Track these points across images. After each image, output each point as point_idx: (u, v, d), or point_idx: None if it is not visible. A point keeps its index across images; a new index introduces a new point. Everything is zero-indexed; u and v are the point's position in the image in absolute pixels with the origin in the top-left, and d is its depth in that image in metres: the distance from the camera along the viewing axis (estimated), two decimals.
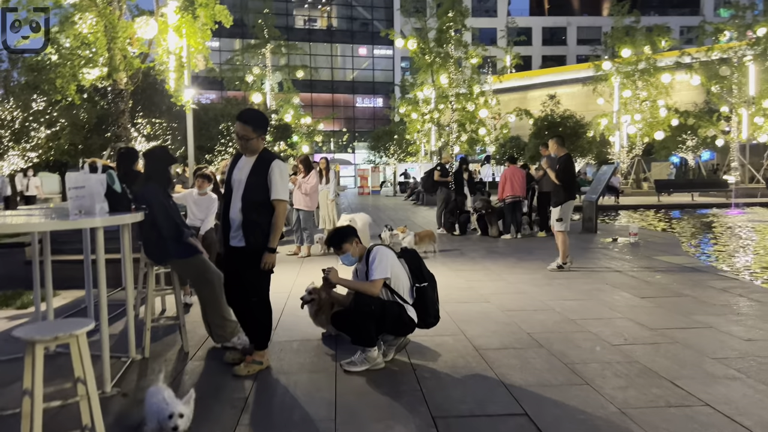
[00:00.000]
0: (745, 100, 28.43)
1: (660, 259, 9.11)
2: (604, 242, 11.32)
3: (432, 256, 9.60)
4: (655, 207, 22.68)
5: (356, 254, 4.35)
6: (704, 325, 5.23)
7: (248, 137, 3.95)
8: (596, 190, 13.41)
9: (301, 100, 36.48)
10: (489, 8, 66.95)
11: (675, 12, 66.42)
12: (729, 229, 14.68)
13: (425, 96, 28.88)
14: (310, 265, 8.98)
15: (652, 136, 30.85)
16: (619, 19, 31.11)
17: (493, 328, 5.28)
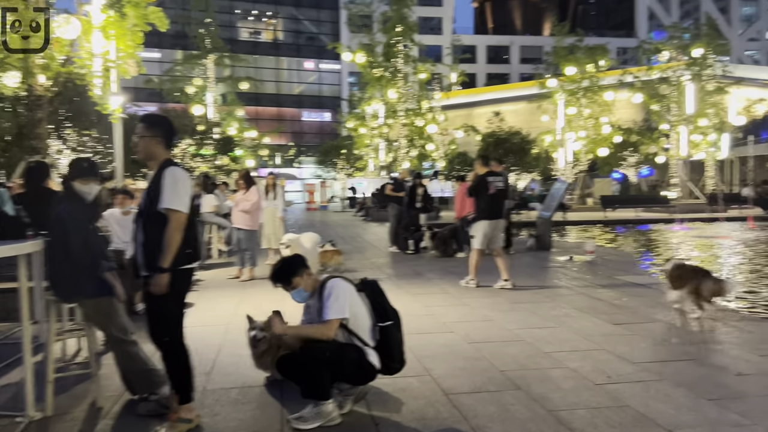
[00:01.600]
0: (683, 118, 29.32)
1: (621, 278, 8.81)
2: (561, 261, 11.00)
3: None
4: (602, 222, 22.87)
5: (309, 288, 3.68)
6: (687, 357, 4.81)
7: (140, 135, 3.48)
8: (550, 207, 13.16)
9: (245, 113, 35.41)
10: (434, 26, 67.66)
11: (611, 33, 68.95)
12: (679, 245, 14.72)
13: (374, 111, 28.49)
14: (253, 290, 8.21)
15: (596, 153, 31.41)
16: (560, 38, 31.65)
17: (462, 364, 4.69)
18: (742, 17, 71.35)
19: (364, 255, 12.34)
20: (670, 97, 29.58)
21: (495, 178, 8.16)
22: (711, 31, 30.08)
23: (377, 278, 9.29)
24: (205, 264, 10.63)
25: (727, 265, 11.30)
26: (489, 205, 8.08)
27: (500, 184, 8.16)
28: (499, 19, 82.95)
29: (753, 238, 16.37)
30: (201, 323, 6.23)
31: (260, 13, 56.42)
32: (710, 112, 29.69)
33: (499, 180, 8.19)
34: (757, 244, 14.88)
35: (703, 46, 29.14)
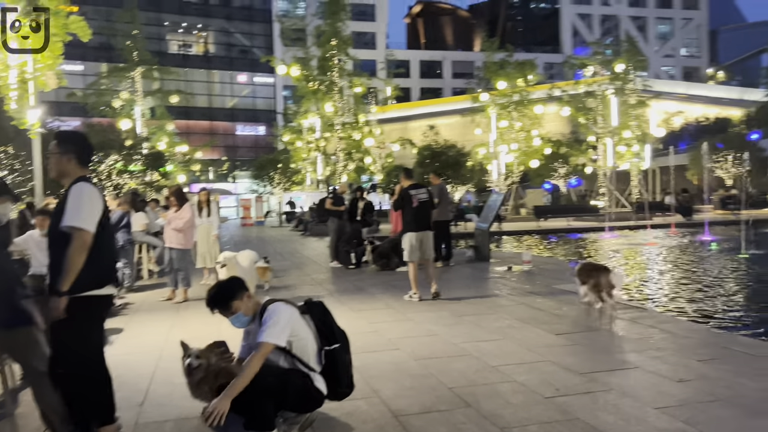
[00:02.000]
0: (609, 130, 30.60)
1: (558, 287, 8.94)
2: (500, 271, 11.11)
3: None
4: (536, 232, 23.43)
5: (249, 311, 3.46)
6: (630, 365, 4.86)
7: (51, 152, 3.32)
8: (487, 219, 13.32)
9: (176, 127, 34.36)
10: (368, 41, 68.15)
11: (538, 49, 71.56)
12: (611, 253, 15.21)
13: (310, 124, 28.24)
14: (187, 313, 7.82)
15: (528, 165, 32.25)
16: (491, 54, 32.45)
17: (410, 383, 4.56)
18: (657, 35, 75.70)
19: (303, 271, 12.08)
20: (595, 110, 30.82)
21: (418, 190, 8.33)
22: (631, 47, 31.64)
23: (318, 295, 9.07)
24: (134, 286, 10.09)
25: (654, 270, 11.72)
26: (414, 218, 8.21)
27: (423, 196, 8.31)
28: (431, 34, 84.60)
29: (674, 244, 17.14)
30: (131, 350, 5.85)
31: (190, 26, 55.13)
32: (633, 125, 31.11)
33: (423, 192, 8.34)
34: (678, 250, 15.58)
35: (624, 62, 30.60)
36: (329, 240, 13.20)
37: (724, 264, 12.34)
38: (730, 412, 3.79)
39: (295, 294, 9.01)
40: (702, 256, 13.96)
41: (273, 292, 9.18)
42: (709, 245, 16.38)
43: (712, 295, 8.81)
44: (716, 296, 8.75)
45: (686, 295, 8.96)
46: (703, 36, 77.14)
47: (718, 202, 30.23)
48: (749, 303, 8.33)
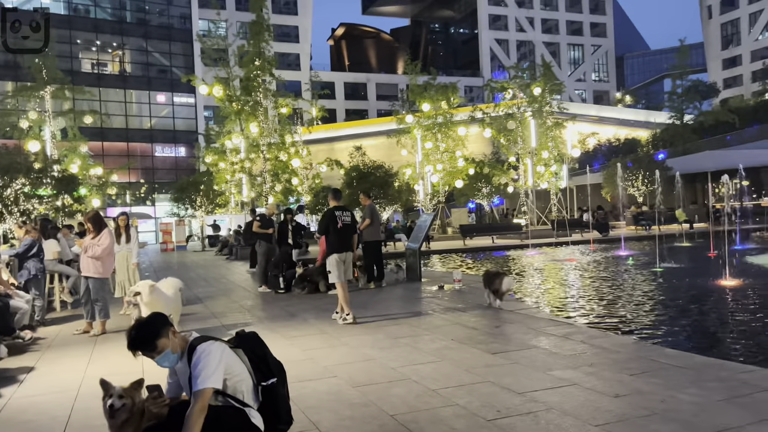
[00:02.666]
0: (528, 150, 31.76)
1: (492, 306, 9.04)
2: (432, 291, 11.15)
3: None
4: (462, 250, 23.84)
5: (176, 349, 3.21)
6: (567, 383, 4.91)
7: None
8: (418, 239, 13.39)
9: (90, 149, 32.74)
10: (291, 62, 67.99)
11: (459, 73, 73.96)
12: (535, 270, 15.63)
13: (234, 145, 27.66)
14: (105, 346, 7.31)
15: (453, 184, 32.93)
16: (414, 77, 33.08)
17: (349, 412, 4.41)
18: (569, 60, 79.96)
19: (230, 297, 11.67)
20: (515, 131, 31.98)
21: (342, 212, 8.50)
22: (547, 71, 33.14)
23: (248, 323, 8.75)
24: (46, 319, 9.38)
25: (578, 285, 12.12)
26: (338, 239, 8.34)
27: (347, 218, 8.49)
28: (355, 56, 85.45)
29: (594, 260, 17.86)
30: (43, 391, 5.36)
31: (105, 44, 53.04)
32: (551, 145, 32.48)
33: (347, 215, 8.52)
34: (598, 265, 16.24)
35: (541, 86, 32.01)
36: (257, 264, 12.86)
37: (643, 277, 12.94)
38: (668, 428, 3.87)
39: (223, 322, 8.65)
40: (621, 270, 14.59)
41: (200, 322, 8.78)
42: (626, 260, 17.17)
43: (634, 308, 9.17)
44: (638, 309, 9.11)
45: (610, 309, 9.28)
46: (611, 62, 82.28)
47: (630, 219, 31.91)
48: (670, 315, 8.72)
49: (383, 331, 7.40)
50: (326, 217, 8.50)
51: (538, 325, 7.33)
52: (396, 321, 8.10)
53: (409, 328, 7.55)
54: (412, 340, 6.84)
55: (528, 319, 7.79)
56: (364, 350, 6.43)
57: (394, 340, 6.88)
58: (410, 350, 6.33)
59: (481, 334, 7.01)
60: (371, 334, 7.26)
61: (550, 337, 6.63)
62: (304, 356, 6.27)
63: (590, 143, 54.83)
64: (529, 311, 8.51)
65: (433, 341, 6.72)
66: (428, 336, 7.02)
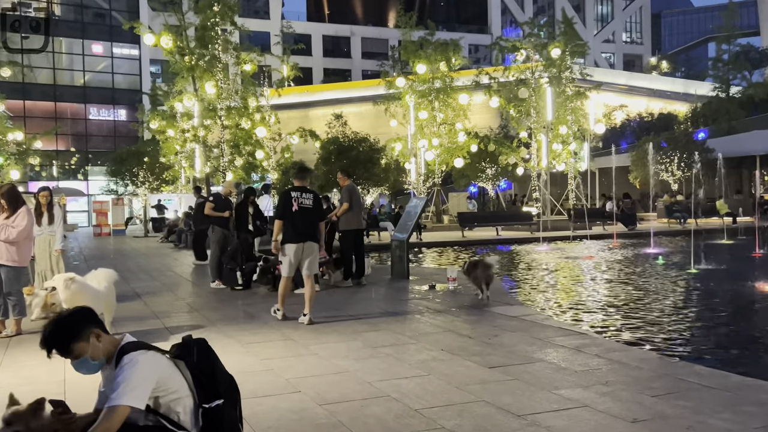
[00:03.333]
0: (543, 125, 31.87)
1: (490, 310, 9.13)
2: (421, 290, 11.23)
3: None
4: (460, 243, 23.97)
5: (100, 354, 3.19)
6: (577, 404, 4.98)
7: None
8: (406, 228, 13.43)
9: (7, 108, 32.33)
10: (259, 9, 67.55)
11: (463, 29, 73.56)
12: (546, 269, 15.76)
13: (186, 108, 27.43)
14: (18, 350, 7.28)
15: (451, 164, 32.99)
16: (407, 31, 32.94)
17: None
18: (596, 16, 79.93)
19: (176, 294, 11.67)
20: (528, 101, 32.03)
21: (301, 194, 8.60)
22: (568, 29, 33.15)
23: (197, 325, 8.76)
24: None
25: (595, 289, 12.24)
26: (292, 225, 8.47)
27: (307, 201, 8.59)
28: (337, 5, 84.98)
29: (617, 258, 18.02)
30: None
31: None
32: (570, 119, 32.60)
33: (307, 197, 8.61)
34: (621, 265, 16.39)
35: (561, 46, 32.04)
36: (210, 254, 12.85)
37: (673, 281, 13.09)
38: None
39: (166, 324, 8.65)
40: (647, 272, 14.74)
41: (138, 323, 8.77)
42: (655, 259, 17.36)
43: (660, 317, 9.28)
44: (665, 318, 9.23)
45: (632, 317, 9.38)
46: (646, 20, 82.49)
47: (663, 210, 32.23)
48: (703, 326, 8.84)
49: (360, 339, 7.44)
50: (281, 199, 8.73)
51: (545, 335, 7.41)
52: (376, 326, 8.15)
53: (392, 336, 7.59)
54: (395, 349, 6.89)
55: (534, 327, 7.86)
56: (336, 361, 6.46)
57: (373, 349, 6.92)
58: (391, 362, 6.37)
59: (477, 343, 7.07)
60: (346, 342, 7.30)
61: (558, 349, 6.70)
62: (262, 367, 6.29)
63: (617, 118, 55.24)
64: (535, 318, 8.59)
65: (420, 351, 6.77)
66: (414, 345, 7.07)
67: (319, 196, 8.92)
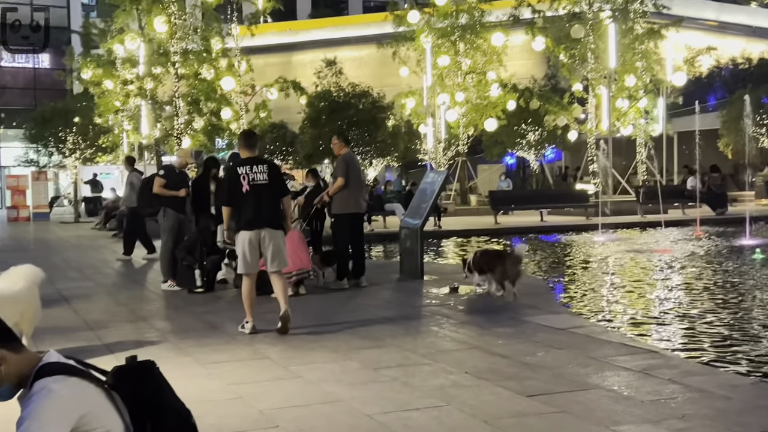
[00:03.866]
0: (604, 74, 31.73)
1: (531, 320, 9.16)
2: (439, 294, 11.28)
3: None
4: (492, 232, 23.95)
5: (12, 376, 3.20)
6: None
7: None
8: (420, 211, 13.45)
9: None
10: None
11: None
12: (605, 266, 15.78)
13: (128, 52, 27.45)
14: None
15: (481, 126, 32.97)
16: None
17: None
18: None
19: (117, 299, 11.77)
20: (584, 43, 31.90)
21: (251, 167, 8.69)
22: None
23: (145, 340, 8.85)
24: None
25: (670, 293, 12.25)
26: (244, 209, 8.64)
27: (260, 175, 8.68)
28: None
29: (700, 252, 18.01)
30: None
31: None
32: (640, 66, 32.47)
33: (260, 169, 8.71)
34: (705, 261, 16.37)
35: None
36: (160, 246, 12.89)
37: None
38: None
39: (105, 340, 8.70)
40: (741, 270, 14.74)
41: (66, 337, 8.83)
42: (751, 253, 17.33)
43: (756, 331, 9.29)
44: (763, 332, 9.23)
45: (718, 330, 9.40)
46: None
47: (763, 188, 32.13)
48: None
49: (358, 357, 7.47)
50: (225, 179, 8.92)
51: (602, 353, 7.43)
52: (379, 341, 8.19)
53: (399, 353, 7.62)
54: (403, 371, 6.92)
55: (588, 343, 7.88)
56: (325, 386, 6.50)
57: (375, 371, 6.96)
58: (399, 388, 6.41)
59: (512, 364, 7.09)
60: (339, 361, 7.33)
61: (620, 372, 6.73)
62: (229, 394, 6.34)
63: (703, 65, 54.89)
64: (590, 330, 8.62)
65: (436, 374, 6.80)
66: (428, 366, 7.10)
67: (276, 167, 9.07)
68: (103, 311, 10.51)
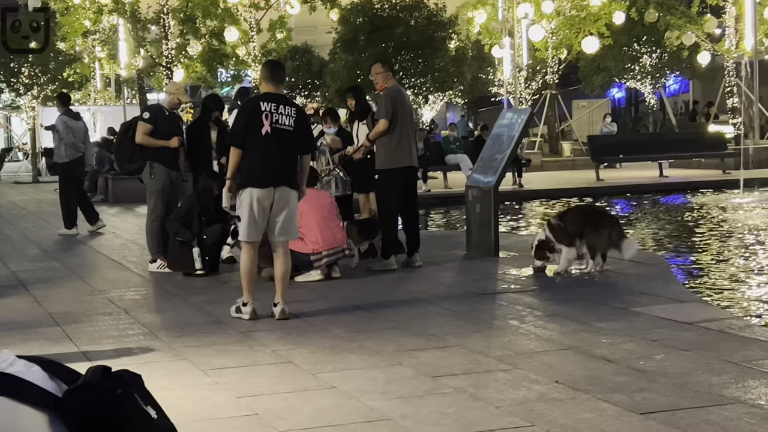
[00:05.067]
0: None
1: (645, 311, 9.12)
2: (520, 276, 11.27)
3: None
4: (592, 192, 23.82)
5: None
6: None
7: None
8: (494, 165, 13.42)
9: None
10: None
11: None
12: (749, 240, 15.62)
13: None
14: None
15: (577, 47, 32.70)
16: None
17: None
18: None
19: (90, 283, 11.94)
20: None
21: (277, 107, 8.81)
22: None
23: (127, 335, 9.03)
24: None
25: None
26: (260, 159, 8.80)
27: (287, 120, 8.82)
28: None
29: None
30: None
31: None
32: None
33: (287, 111, 8.86)
34: None
35: None
36: (147, 214, 12.98)
37: None
38: None
39: (75, 340, 8.81)
40: None
41: (22, 335, 8.96)
42: None
43: None
44: None
45: None
46: None
47: None
48: None
49: (411, 362, 7.49)
50: (241, 114, 9.11)
51: (744, 355, 7.38)
52: (439, 340, 8.20)
53: (467, 357, 7.63)
54: (472, 380, 6.93)
55: (725, 342, 7.83)
56: (367, 400, 6.53)
57: (434, 380, 6.98)
58: (467, 402, 6.42)
59: (619, 370, 7.07)
60: (384, 367, 7.35)
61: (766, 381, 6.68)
62: (241, 410, 6.40)
63: None
64: (728, 325, 8.55)
65: (517, 384, 6.80)
66: (506, 373, 7.10)
67: (304, 113, 9.27)
68: (73, 301, 10.62)
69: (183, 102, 13.42)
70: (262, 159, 8.70)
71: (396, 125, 11.72)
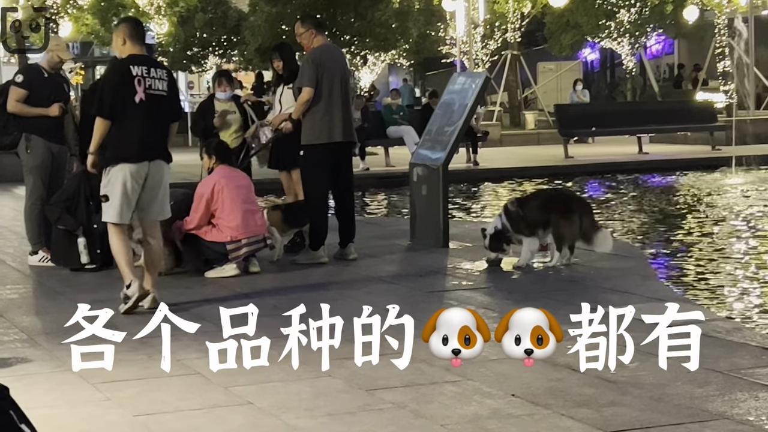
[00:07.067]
0: None
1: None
2: (471, 271, 11.32)
3: None
4: (559, 171, 24.00)
5: None
6: None
7: None
8: (443, 138, 13.46)
9: None
10: None
11: None
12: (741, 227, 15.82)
13: None
14: None
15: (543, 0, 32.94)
16: None
17: None
18: None
19: None
20: None
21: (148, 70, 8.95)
22: None
23: (5, 347, 8.99)
24: None
25: None
26: (133, 128, 8.98)
27: (160, 84, 9.02)
28: None
29: None
30: None
31: None
32: None
33: (159, 74, 9.04)
34: None
35: None
36: (26, 197, 12.90)
37: None
38: None
39: None
40: None
41: None
42: None
43: None
44: None
45: None
46: None
47: None
48: None
49: (342, 373, 7.50)
50: (109, 78, 9.40)
51: (732, 362, 7.51)
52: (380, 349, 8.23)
53: (408, 366, 7.65)
54: (414, 394, 7.00)
55: (709, 347, 7.91)
56: (289, 418, 6.57)
57: (369, 394, 7.03)
58: (407, 420, 6.48)
59: (587, 381, 7.14)
60: (310, 379, 7.37)
61: (760, 394, 6.79)
62: (138, 430, 6.41)
63: None
64: (713, 328, 8.67)
65: (467, 398, 6.87)
66: (453, 385, 7.17)
67: (173, 76, 9.46)
68: None
69: (64, 60, 13.14)
70: (136, 130, 8.84)
71: (322, 92, 11.68)
